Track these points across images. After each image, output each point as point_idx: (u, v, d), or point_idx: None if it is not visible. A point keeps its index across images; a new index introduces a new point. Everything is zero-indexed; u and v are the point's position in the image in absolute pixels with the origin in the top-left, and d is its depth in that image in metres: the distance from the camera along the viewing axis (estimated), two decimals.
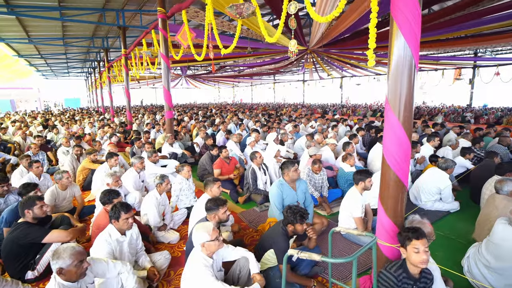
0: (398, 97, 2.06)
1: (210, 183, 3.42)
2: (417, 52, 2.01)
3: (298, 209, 2.55)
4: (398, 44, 2.00)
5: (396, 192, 2.18)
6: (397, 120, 2.08)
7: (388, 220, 2.22)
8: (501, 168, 3.67)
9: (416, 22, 1.95)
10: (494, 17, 7.03)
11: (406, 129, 2.08)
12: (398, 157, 2.11)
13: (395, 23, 1.99)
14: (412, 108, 2.10)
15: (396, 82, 2.05)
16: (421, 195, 4.23)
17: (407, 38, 1.96)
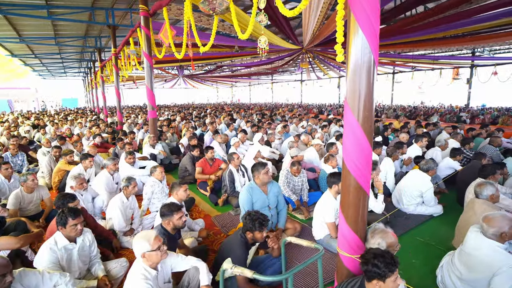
0: (357, 97, 1.89)
1: (176, 186, 3.27)
2: (376, 48, 1.84)
3: (257, 215, 2.38)
4: (356, 40, 1.82)
5: (356, 200, 2.01)
6: (356, 122, 1.91)
7: (348, 230, 2.05)
8: (485, 170, 3.49)
9: (375, 16, 1.78)
10: (484, 16, 6.88)
11: (366, 131, 1.91)
12: (358, 162, 1.94)
13: (353, 16, 1.81)
14: (372, 109, 1.93)
15: (354, 81, 1.88)
16: (403, 199, 4.05)
17: (366, 33, 1.79)
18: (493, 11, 6.63)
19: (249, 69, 20.06)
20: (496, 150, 5.79)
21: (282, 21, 8.30)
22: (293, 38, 9.98)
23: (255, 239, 2.41)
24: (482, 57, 16.17)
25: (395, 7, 8.44)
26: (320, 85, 25.32)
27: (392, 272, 1.63)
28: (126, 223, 3.46)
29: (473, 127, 7.71)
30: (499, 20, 7.24)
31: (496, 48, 16.04)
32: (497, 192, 2.82)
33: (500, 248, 2.03)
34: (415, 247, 3.30)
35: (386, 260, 1.63)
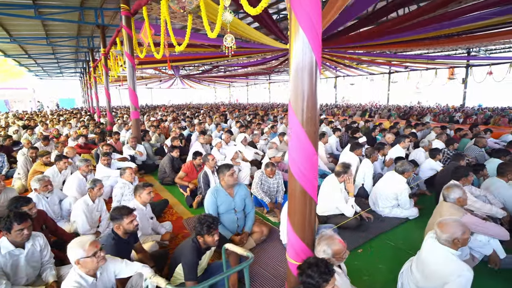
0: (301, 99, 1.81)
1: (139, 188, 3.19)
2: (318, 49, 1.76)
3: (205, 219, 2.29)
4: (297, 40, 1.75)
5: (303, 206, 1.93)
6: (299, 125, 1.82)
7: (295, 237, 1.97)
8: (457, 172, 3.40)
9: (317, 17, 1.70)
10: (475, 16, 6.78)
11: (310, 134, 1.82)
12: (302, 167, 1.86)
13: (294, 16, 1.73)
14: (316, 111, 1.84)
15: (297, 82, 1.80)
16: (378, 201, 3.96)
17: (307, 33, 1.71)
18: (483, 10, 6.55)
19: (245, 69, 20.00)
20: (481, 150, 5.70)
21: (268, 21, 8.23)
22: (284, 38, 9.92)
23: (207, 243, 2.32)
24: (477, 57, 16.05)
25: (385, 6, 8.33)
26: None
27: (326, 282, 1.54)
28: (91, 226, 3.38)
29: (462, 128, 7.60)
30: (491, 19, 7.16)
31: (492, 48, 15.91)
32: (465, 195, 2.73)
33: (453, 255, 1.94)
34: (384, 251, 3.21)
35: (320, 270, 1.55)
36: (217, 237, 2.33)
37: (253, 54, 13.34)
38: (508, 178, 3.48)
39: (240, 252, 1.88)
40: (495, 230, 2.56)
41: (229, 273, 1.61)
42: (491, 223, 2.59)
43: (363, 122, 10.08)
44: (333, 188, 3.55)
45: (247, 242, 3.22)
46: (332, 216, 3.63)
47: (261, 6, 2.74)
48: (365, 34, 9.26)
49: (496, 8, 6.32)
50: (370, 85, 22.67)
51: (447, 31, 8.84)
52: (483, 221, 2.58)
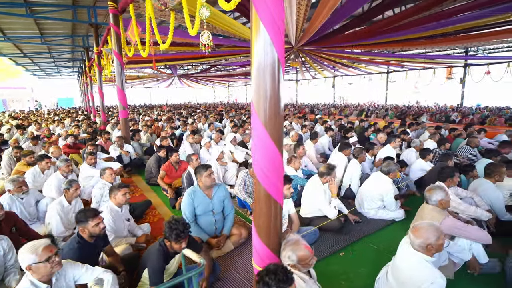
0: (263, 99, 1.72)
1: (114, 189, 3.09)
2: (281, 47, 1.66)
3: (176, 225, 2.19)
4: (259, 38, 1.65)
5: (267, 210, 1.83)
6: (262, 126, 1.73)
7: (259, 242, 1.87)
8: (443, 173, 3.30)
9: (278, 11, 1.60)
10: (467, 15, 6.70)
11: (273, 135, 1.73)
12: (266, 169, 1.76)
13: (255, 12, 1.63)
14: (279, 111, 1.75)
15: (259, 81, 1.71)
16: (364, 203, 3.86)
17: (270, 30, 1.62)
18: (476, 9, 6.46)
19: (244, 68, 19.90)
20: (474, 151, 5.60)
21: None
22: None
23: (174, 249, 2.23)
24: (475, 57, 15.93)
25: (379, 5, 8.22)
26: (315, 84, 25.08)
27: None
28: (66, 228, 3.29)
29: (456, 127, 7.49)
30: (487, 18, 7.06)
31: (490, 47, 15.79)
32: (447, 197, 2.63)
33: (426, 261, 1.84)
34: (367, 254, 3.12)
35: (278, 278, 1.45)
36: (185, 244, 2.23)
37: (249, 53, 13.27)
38: (495, 179, 3.38)
39: (194, 258, 1.79)
40: (478, 234, 2.46)
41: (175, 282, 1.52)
42: (473, 227, 2.49)
43: (358, 122, 9.98)
44: (316, 189, 3.45)
45: (225, 245, 3.13)
46: (315, 218, 3.53)
47: (234, 2, 2.67)
48: (361, 33, 9.16)
49: (491, 8, 6.24)
50: (369, 85, 22.54)
51: (444, 30, 8.75)
52: (465, 224, 2.48)
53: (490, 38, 9.31)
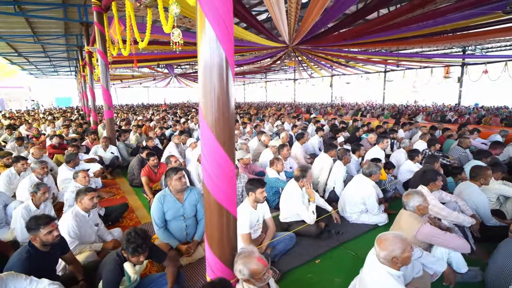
0: (210, 101, 1.58)
1: (81, 193, 2.96)
2: (229, 46, 1.52)
3: (134, 239, 2.04)
4: (205, 36, 1.52)
5: (219, 222, 1.70)
6: (209, 129, 1.59)
7: (211, 255, 1.73)
8: (425, 176, 3.15)
9: (226, 8, 1.46)
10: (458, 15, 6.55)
11: (220, 139, 1.59)
12: (215, 177, 1.62)
13: (200, 10, 1.50)
14: (229, 115, 1.61)
15: (206, 82, 1.58)
16: (346, 206, 3.72)
17: (216, 28, 1.48)
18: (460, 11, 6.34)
19: (241, 67, 19.76)
20: (465, 151, 5.45)
21: (253, 21, 8.00)
22: (271, 36, 9.70)
23: (131, 261, 2.09)
24: (473, 56, 15.75)
25: (371, 3, 8.06)
26: (313, 83, 24.90)
27: None
28: None
29: (448, 128, 7.34)
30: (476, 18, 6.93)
31: (488, 46, 15.59)
32: (425, 203, 2.49)
33: (391, 275, 1.70)
34: (344, 262, 2.98)
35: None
36: (144, 257, 2.09)
37: (243, 52, 13.13)
38: (480, 182, 3.24)
39: (130, 273, 1.65)
40: (456, 242, 2.32)
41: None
42: (451, 235, 2.35)
43: (351, 122, 9.83)
44: (293, 193, 3.32)
45: (196, 251, 3.00)
46: (294, 222, 3.40)
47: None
48: (355, 31, 9.01)
49: (476, 8, 6.13)
50: (367, 84, 22.35)
51: (440, 28, 8.59)
52: (443, 232, 2.34)
53: (487, 37, 9.15)
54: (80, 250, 2.80)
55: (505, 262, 2.28)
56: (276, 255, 2.95)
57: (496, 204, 3.62)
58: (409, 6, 6.80)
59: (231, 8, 1.50)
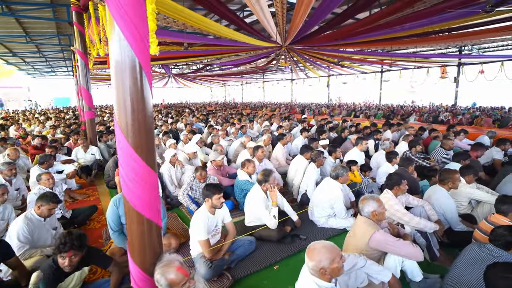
0: (123, 106, 1.50)
1: (43, 201, 2.85)
2: (140, 47, 1.45)
3: (65, 238, 1.98)
4: (114, 36, 1.45)
5: (139, 230, 1.62)
6: (123, 136, 1.52)
7: (134, 265, 1.66)
8: (389, 180, 3.07)
9: (135, 11, 1.39)
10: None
11: (135, 145, 1.51)
12: (131, 184, 1.55)
13: (107, 9, 1.42)
14: (146, 119, 1.54)
15: (118, 85, 1.50)
16: (314, 210, 3.64)
17: (124, 29, 1.40)
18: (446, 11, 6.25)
19: (238, 68, 19.69)
20: (447, 153, 5.34)
21: (240, 22, 7.94)
22: (262, 36, 9.63)
23: (60, 265, 2.03)
24: (469, 55, 15.59)
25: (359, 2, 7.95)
26: (310, 84, 24.80)
27: None
28: None
29: (435, 128, 7.23)
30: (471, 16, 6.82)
31: (485, 46, 15.43)
32: (381, 208, 2.40)
33: (319, 287, 1.62)
34: (300, 269, 2.88)
35: None
36: (69, 262, 2.02)
37: (237, 52, 13.07)
38: (449, 186, 3.14)
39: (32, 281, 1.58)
40: (407, 250, 2.23)
41: None
42: (404, 242, 2.26)
43: (341, 122, 9.74)
44: (256, 197, 3.23)
45: None
46: (258, 226, 3.31)
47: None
48: (346, 30, 8.91)
49: (460, 10, 6.03)
50: (364, 84, 22.21)
51: (435, 27, 8.48)
52: (396, 239, 2.25)
53: (482, 37, 9.04)
54: (30, 254, 2.73)
55: (462, 271, 2.19)
56: (233, 261, 2.87)
57: (468, 208, 3.53)
58: (398, 5, 6.73)
59: (144, 7, 1.43)
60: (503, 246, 2.04)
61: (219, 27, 7.60)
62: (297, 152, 6.75)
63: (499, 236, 2.05)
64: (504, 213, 2.54)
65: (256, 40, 9.80)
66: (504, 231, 2.01)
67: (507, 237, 1.98)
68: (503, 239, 2.00)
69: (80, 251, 2.07)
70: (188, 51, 11.69)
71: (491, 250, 2.03)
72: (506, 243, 2.00)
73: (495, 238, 2.09)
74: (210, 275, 2.57)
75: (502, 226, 2.19)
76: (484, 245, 2.10)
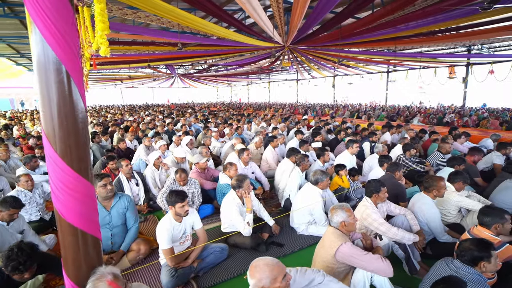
0: (49, 112, 1.42)
1: (3, 207, 2.82)
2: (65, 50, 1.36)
3: (16, 255, 1.93)
4: (34, 39, 1.36)
5: (73, 243, 1.54)
6: (50, 145, 1.44)
7: (68, 281, 1.58)
8: (368, 187, 2.90)
9: (57, 11, 1.30)
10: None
11: (63, 155, 1.43)
12: (60, 194, 1.46)
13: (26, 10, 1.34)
14: (75, 123, 1.45)
15: (42, 86, 1.41)
16: (294, 216, 3.50)
17: (40, 26, 1.32)
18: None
19: (243, 68, 19.63)
20: (444, 157, 5.10)
21: (236, 23, 7.86)
22: (261, 37, 9.55)
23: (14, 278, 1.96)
24: (479, 55, 15.07)
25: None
26: (315, 84, 24.53)
27: None
28: None
29: (435, 131, 6.97)
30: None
31: (496, 45, 14.88)
32: (351, 219, 2.25)
33: None
34: None
35: None
36: (29, 274, 1.97)
37: (240, 52, 13.02)
38: (433, 194, 2.95)
39: None
40: (375, 265, 2.07)
41: None
42: (372, 256, 2.10)
43: (337, 123, 9.53)
44: (231, 203, 3.12)
45: (120, 261, 2.85)
46: (232, 233, 3.20)
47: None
48: (347, 29, 8.72)
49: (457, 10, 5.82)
50: (370, 85, 21.83)
51: (441, 25, 8.20)
52: (363, 253, 2.10)
53: (491, 35, 8.76)
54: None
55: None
56: (202, 269, 2.77)
57: (457, 217, 3.33)
58: (400, 2, 6.53)
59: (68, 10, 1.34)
60: (469, 262, 1.86)
61: (219, 29, 7.55)
62: None
63: (465, 250, 1.88)
64: (487, 226, 2.35)
65: (257, 40, 9.72)
66: (471, 245, 1.84)
67: (474, 251, 1.81)
68: (469, 254, 1.83)
69: (31, 267, 2.01)
70: (193, 52, 11.75)
71: (458, 267, 1.87)
72: (473, 258, 1.82)
73: (461, 253, 1.92)
74: (172, 284, 2.47)
75: (469, 239, 2.01)
76: (451, 261, 1.93)
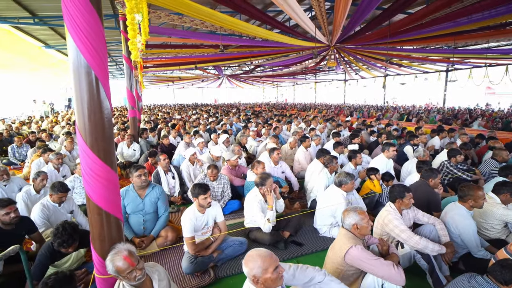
0: (81, 110, 1.67)
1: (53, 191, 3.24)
2: (94, 57, 1.61)
3: (61, 234, 2.29)
4: (70, 44, 1.62)
5: (98, 221, 1.79)
6: (81, 137, 1.70)
7: (95, 254, 1.85)
8: (392, 192, 2.75)
9: (81, 16, 1.55)
10: None
11: (92, 145, 1.68)
12: (89, 179, 1.72)
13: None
14: (102, 121, 1.69)
15: (76, 85, 1.66)
16: (316, 218, 3.47)
17: (76, 39, 1.58)
18: None
19: (288, 68, 19.67)
20: (499, 166, 4.55)
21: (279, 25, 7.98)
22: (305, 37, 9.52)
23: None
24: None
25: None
26: (364, 85, 23.39)
27: None
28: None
29: (494, 137, 6.20)
30: None
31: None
32: (365, 222, 2.18)
33: None
34: None
35: None
36: (72, 249, 2.33)
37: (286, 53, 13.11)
38: (469, 204, 2.69)
39: None
40: (386, 271, 1.99)
41: None
42: (383, 262, 2.02)
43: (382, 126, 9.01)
44: (253, 199, 3.23)
45: (149, 245, 3.15)
46: (254, 228, 3.31)
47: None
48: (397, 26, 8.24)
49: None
50: (426, 85, 20.05)
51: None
52: (372, 257, 2.03)
53: None
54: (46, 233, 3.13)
55: None
56: (221, 259, 2.93)
57: (503, 232, 2.97)
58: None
59: (97, 23, 1.58)
60: (502, 281, 1.69)
61: (261, 30, 7.75)
62: None
63: (503, 268, 1.71)
64: None
65: (301, 41, 9.69)
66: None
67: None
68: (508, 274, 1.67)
69: (73, 243, 2.36)
70: (238, 53, 12.18)
71: (480, 284, 1.71)
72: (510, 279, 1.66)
73: (495, 270, 1.75)
74: (191, 269, 2.67)
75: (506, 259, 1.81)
76: (475, 277, 1.78)
